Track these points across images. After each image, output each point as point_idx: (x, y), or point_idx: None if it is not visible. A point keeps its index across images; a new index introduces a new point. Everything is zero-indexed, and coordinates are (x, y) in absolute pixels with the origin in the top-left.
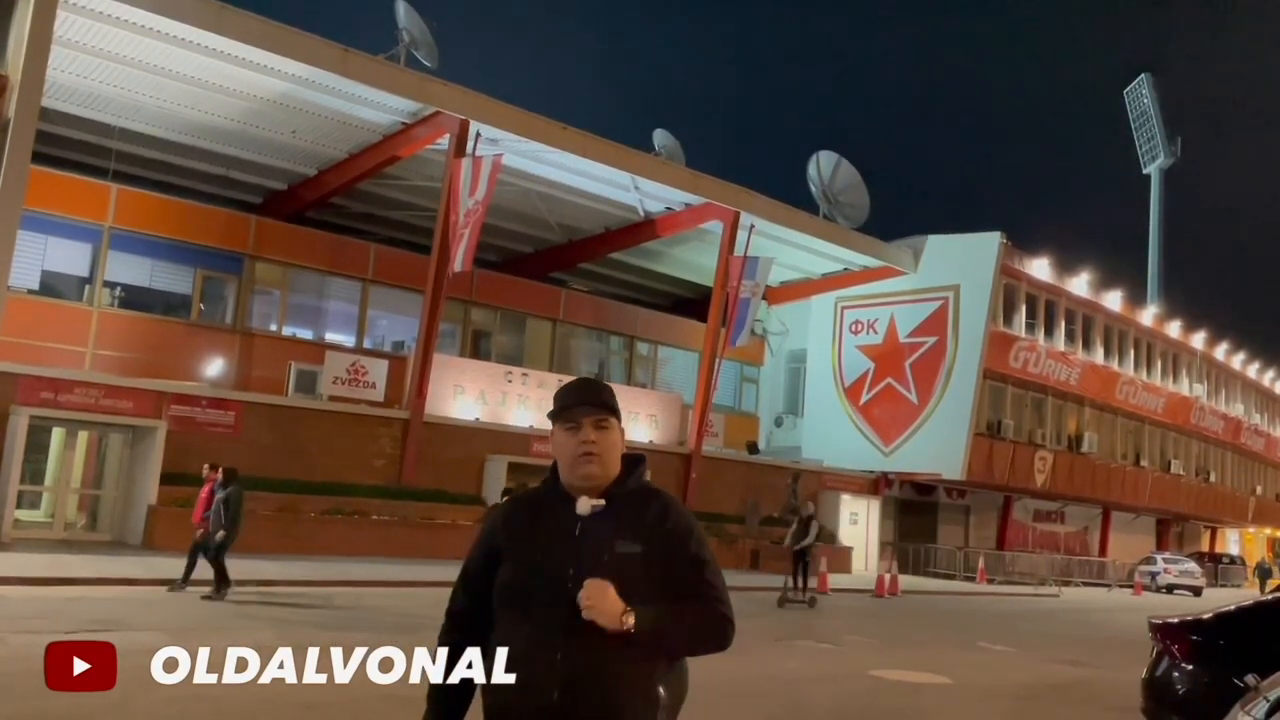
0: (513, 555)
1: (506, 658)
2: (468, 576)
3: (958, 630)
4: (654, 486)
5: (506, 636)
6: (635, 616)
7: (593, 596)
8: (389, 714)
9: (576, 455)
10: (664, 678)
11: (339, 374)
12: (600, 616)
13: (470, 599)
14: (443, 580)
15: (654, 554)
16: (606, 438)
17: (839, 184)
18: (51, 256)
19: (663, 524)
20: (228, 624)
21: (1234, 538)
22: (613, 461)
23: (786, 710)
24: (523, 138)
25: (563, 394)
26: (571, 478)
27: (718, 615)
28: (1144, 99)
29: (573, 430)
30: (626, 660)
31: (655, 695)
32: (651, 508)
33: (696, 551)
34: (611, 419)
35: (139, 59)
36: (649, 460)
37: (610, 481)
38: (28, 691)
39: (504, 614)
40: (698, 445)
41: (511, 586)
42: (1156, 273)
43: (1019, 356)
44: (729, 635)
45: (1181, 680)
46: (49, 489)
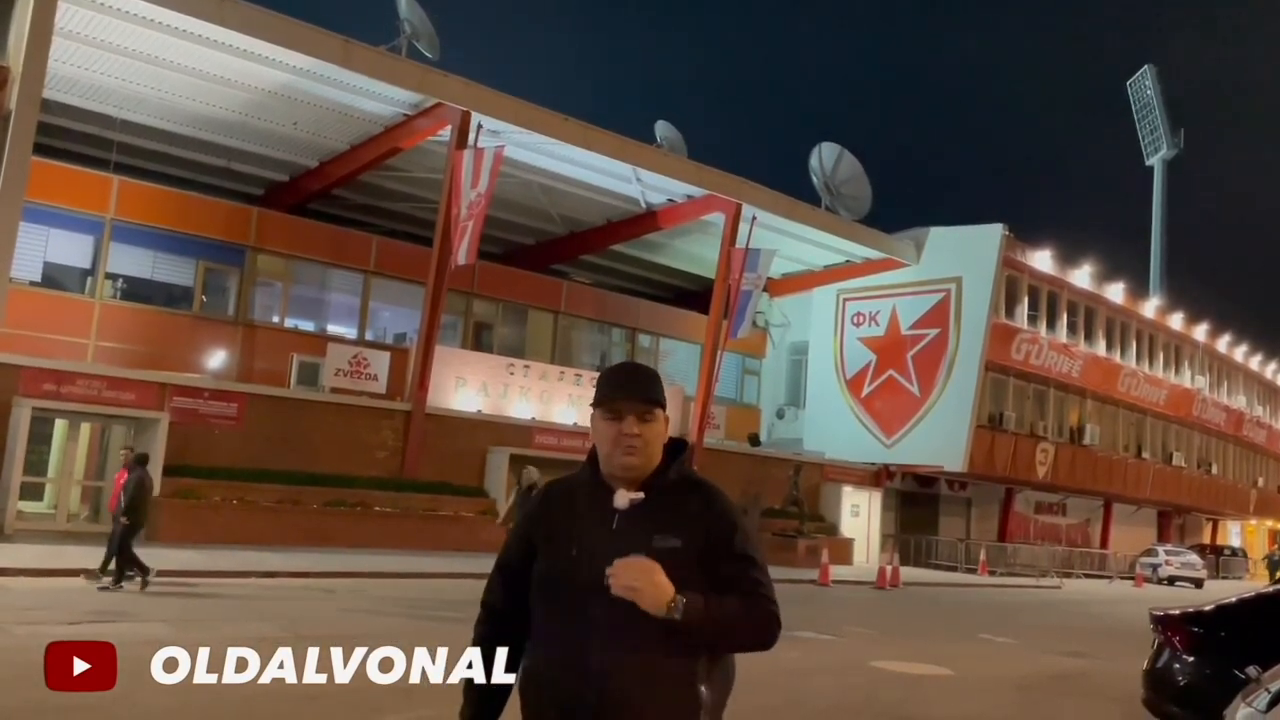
0: (548, 549)
1: (543, 656)
2: (504, 568)
3: (959, 622)
4: (697, 476)
5: (543, 632)
6: (685, 604)
7: (637, 576)
8: (392, 704)
9: (617, 447)
10: (706, 675)
11: (341, 366)
12: (644, 599)
13: (506, 591)
14: (446, 572)
15: (694, 548)
16: (650, 430)
17: (841, 176)
18: (53, 248)
19: (704, 516)
20: (229, 616)
21: (1235, 530)
22: (655, 453)
23: (787, 701)
24: (524, 129)
25: (607, 381)
26: (610, 468)
27: (766, 611)
28: (1147, 90)
29: (614, 420)
30: (668, 658)
31: (697, 694)
32: (692, 500)
33: (742, 547)
34: (657, 410)
35: (140, 50)
36: None
37: (650, 471)
38: (32, 682)
39: (540, 608)
40: (699, 437)
41: (546, 583)
42: (1159, 265)
43: (1021, 348)
44: (776, 633)
45: (1183, 672)
46: (52, 481)
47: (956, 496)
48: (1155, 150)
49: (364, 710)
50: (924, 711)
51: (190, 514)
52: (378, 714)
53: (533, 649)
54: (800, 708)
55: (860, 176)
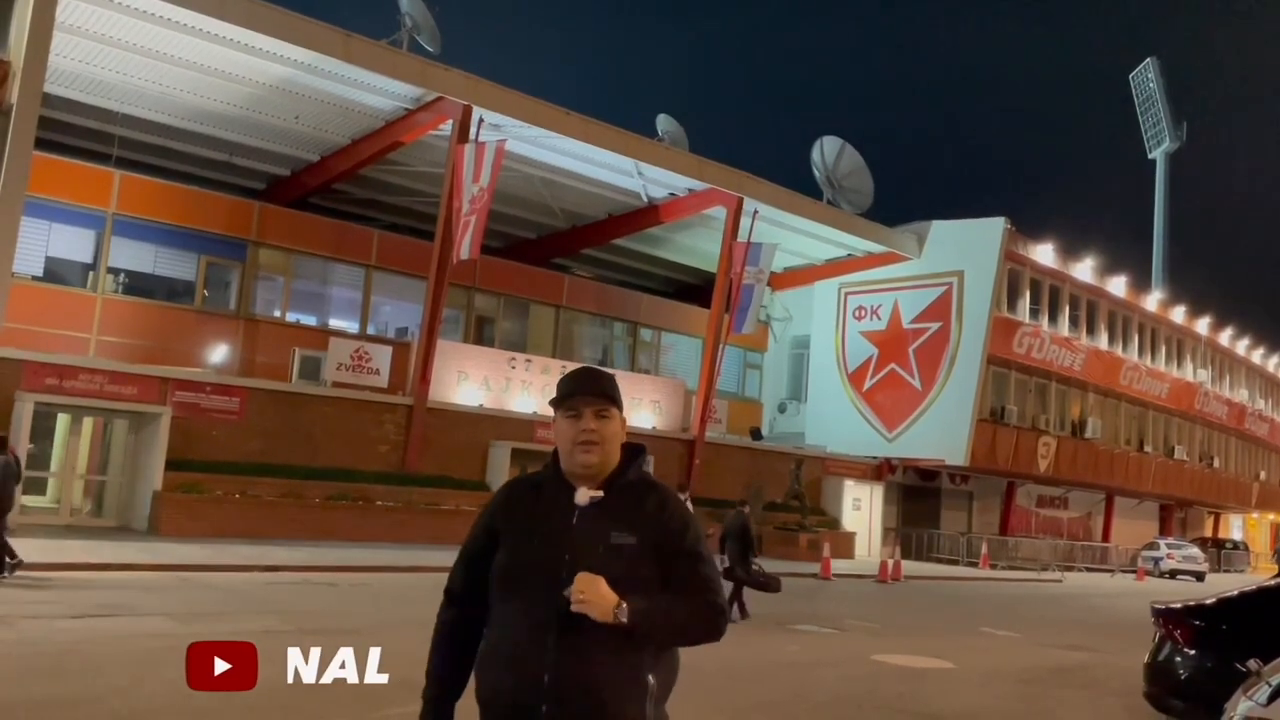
0: (510, 540)
1: (499, 642)
2: (467, 557)
3: (960, 615)
4: (652, 479)
5: (501, 621)
6: (628, 609)
7: (585, 590)
8: (394, 697)
9: (576, 444)
10: (653, 665)
11: (343, 360)
12: (592, 610)
13: (468, 580)
14: (447, 566)
15: (648, 545)
16: (607, 427)
17: (843, 169)
18: (55, 243)
19: (659, 516)
20: (232, 609)
21: (1237, 523)
22: (612, 451)
23: (789, 694)
24: (526, 123)
25: (565, 382)
26: (571, 465)
27: (711, 607)
28: (1150, 83)
29: (573, 418)
30: (616, 649)
31: (644, 682)
32: (648, 500)
33: (692, 545)
34: (613, 409)
35: (141, 44)
36: (652, 446)
37: (610, 471)
38: (36, 674)
39: (499, 598)
40: (701, 431)
41: (507, 572)
42: (1161, 258)
43: (1023, 342)
44: (721, 626)
45: (1184, 665)
46: (54, 475)
47: (958, 490)
48: (1157, 143)
49: (367, 703)
50: (925, 704)
51: (192, 508)
52: (380, 707)
53: (490, 635)
54: (802, 700)
55: (862, 170)
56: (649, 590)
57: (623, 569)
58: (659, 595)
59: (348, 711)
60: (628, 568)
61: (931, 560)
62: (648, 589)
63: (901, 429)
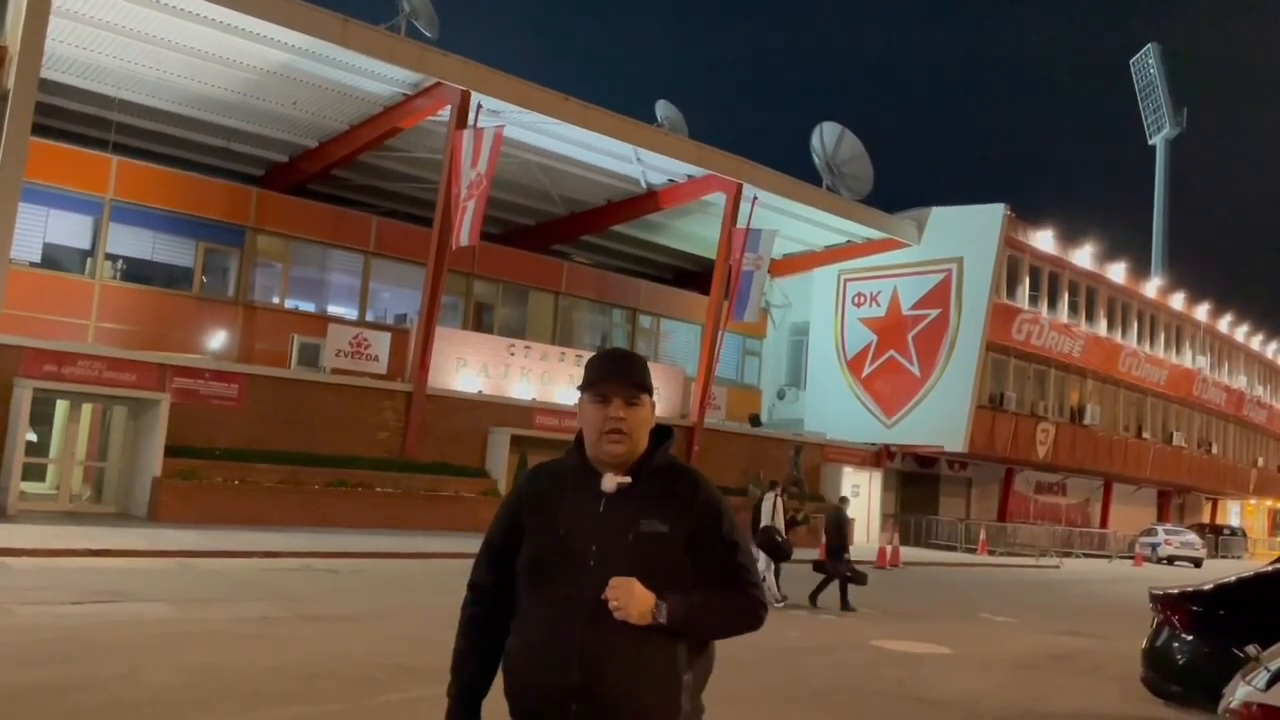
0: (535, 531)
1: (527, 636)
2: (491, 549)
3: (959, 601)
4: (682, 463)
5: (528, 614)
6: (666, 609)
7: (620, 596)
8: (392, 684)
9: (603, 432)
10: (686, 658)
11: (342, 347)
12: (630, 615)
13: (493, 572)
14: (447, 552)
15: (680, 533)
16: (636, 414)
17: (842, 155)
18: (53, 229)
19: (690, 503)
20: (231, 596)
21: (1235, 509)
22: (641, 439)
23: (788, 679)
24: (524, 109)
25: (594, 366)
26: (597, 453)
27: (750, 599)
28: (1150, 69)
29: (601, 404)
30: (649, 642)
31: (677, 675)
32: (679, 486)
33: (728, 533)
34: (643, 395)
35: (138, 29)
36: None
37: (637, 457)
38: (35, 660)
39: (526, 590)
40: (700, 418)
41: (533, 564)
42: (1161, 245)
43: (1022, 329)
44: (761, 618)
45: (1182, 650)
46: (54, 461)
47: (957, 476)
48: (1158, 129)
49: (365, 689)
50: (924, 689)
51: (191, 494)
52: (379, 693)
53: (518, 628)
54: (802, 685)
55: (861, 156)
56: (681, 579)
57: (653, 558)
58: (696, 591)
59: (347, 698)
60: (658, 557)
61: (930, 546)
62: (679, 578)
63: (900, 415)
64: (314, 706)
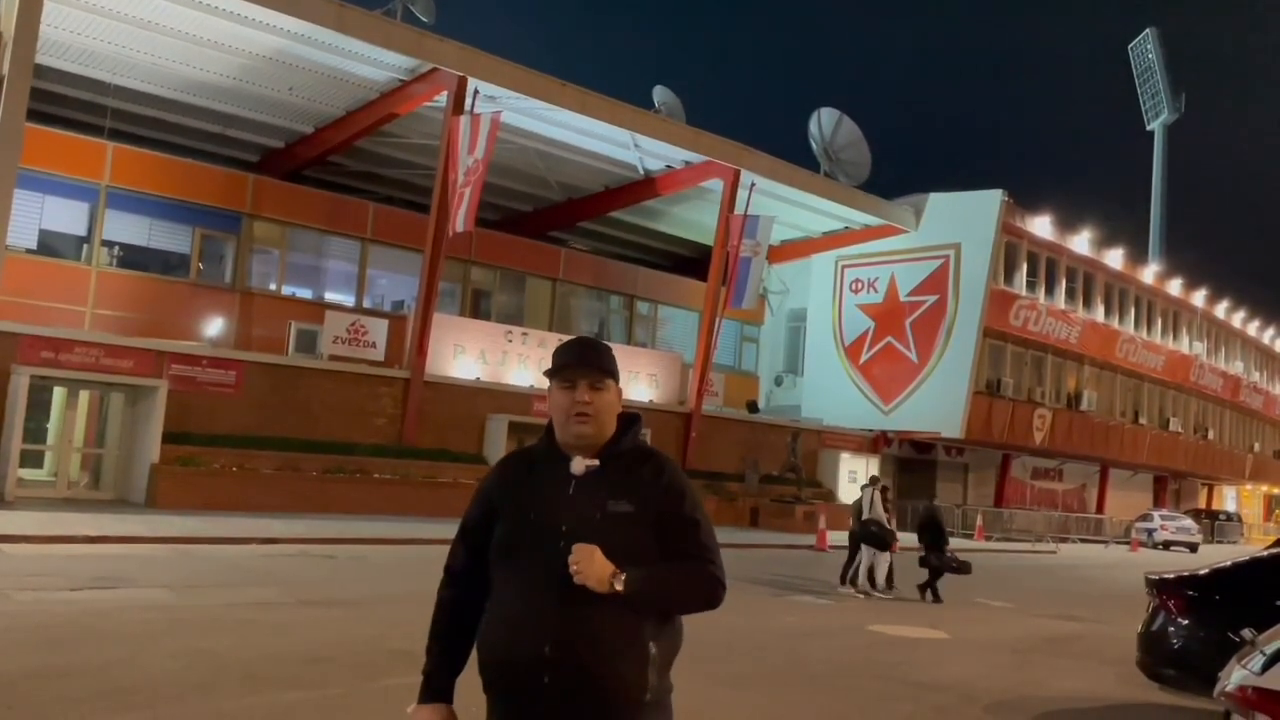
0: (508, 513)
1: (500, 613)
2: (466, 532)
3: (955, 586)
4: (648, 446)
5: (501, 593)
6: (624, 578)
7: (580, 561)
8: (391, 668)
9: (570, 415)
10: (655, 633)
11: (339, 333)
12: (589, 580)
13: (468, 555)
14: (445, 538)
15: (646, 513)
16: (601, 398)
17: (840, 141)
18: (49, 215)
19: (656, 484)
20: (230, 581)
21: (1231, 495)
22: (607, 422)
23: (787, 663)
24: (521, 94)
25: (560, 353)
26: (565, 436)
27: (708, 575)
28: (1149, 54)
29: (568, 389)
30: (617, 617)
31: (646, 650)
32: (645, 468)
33: (690, 512)
34: (608, 380)
35: (133, 14)
36: (649, 419)
37: (605, 441)
38: (34, 646)
39: (499, 571)
40: (698, 404)
41: (506, 544)
42: (1158, 230)
43: (1019, 315)
44: (719, 595)
45: (1177, 635)
46: (51, 448)
47: (954, 462)
48: (1156, 114)
49: (365, 674)
50: (921, 673)
51: (190, 481)
52: (379, 678)
53: (491, 606)
54: (800, 670)
55: (859, 142)
56: (647, 558)
57: (620, 537)
58: (655, 564)
59: (346, 682)
60: (625, 536)
61: None
62: (646, 556)
63: (898, 402)
64: (314, 691)
